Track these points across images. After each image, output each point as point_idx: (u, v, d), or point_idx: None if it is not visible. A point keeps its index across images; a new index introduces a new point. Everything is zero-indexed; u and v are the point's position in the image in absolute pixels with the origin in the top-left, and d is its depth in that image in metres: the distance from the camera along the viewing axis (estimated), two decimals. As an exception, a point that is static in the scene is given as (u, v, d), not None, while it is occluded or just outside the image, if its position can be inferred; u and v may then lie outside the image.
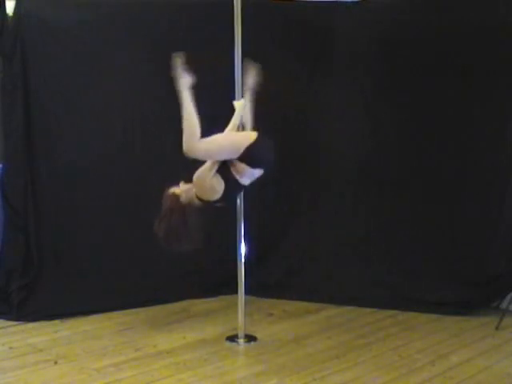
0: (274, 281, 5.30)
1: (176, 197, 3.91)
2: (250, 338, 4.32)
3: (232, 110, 4.14)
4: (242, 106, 4.13)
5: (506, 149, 4.88)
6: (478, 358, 4.03)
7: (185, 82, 3.86)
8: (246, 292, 4.36)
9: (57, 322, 4.58)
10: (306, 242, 5.39)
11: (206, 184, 3.86)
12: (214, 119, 5.17)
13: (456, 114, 5.03)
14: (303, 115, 5.47)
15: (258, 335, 4.38)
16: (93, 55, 4.91)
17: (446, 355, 4.07)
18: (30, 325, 4.51)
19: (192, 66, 3.88)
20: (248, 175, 3.91)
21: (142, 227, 5.08)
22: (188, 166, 5.16)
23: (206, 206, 3.93)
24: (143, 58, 5.04)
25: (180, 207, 3.89)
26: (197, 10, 5.14)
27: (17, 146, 4.80)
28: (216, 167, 3.85)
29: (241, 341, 4.30)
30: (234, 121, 4.12)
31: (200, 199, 3.90)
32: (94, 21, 4.92)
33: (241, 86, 4.15)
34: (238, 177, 3.89)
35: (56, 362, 3.88)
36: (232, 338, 4.32)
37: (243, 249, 4.29)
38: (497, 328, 4.55)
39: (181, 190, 3.93)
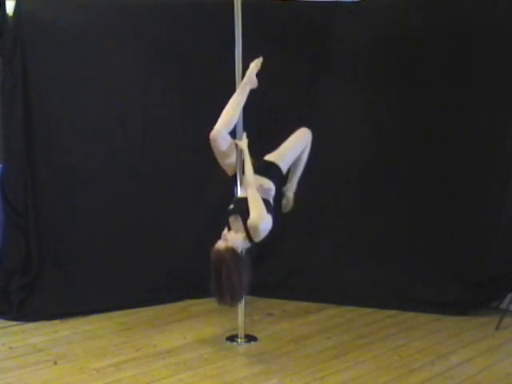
0: (274, 281, 5.29)
1: (234, 251, 3.70)
2: (250, 338, 4.32)
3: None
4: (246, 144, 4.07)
5: (506, 149, 4.89)
6: (477, 358, 4.03)
7: (250, 82, 4.01)
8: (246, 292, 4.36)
9: (57, 322, 4.57)
10: (306, 242, 5.39)
11: (268, 224, 3.80)
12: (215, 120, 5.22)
13: (456, 113, 5.03)
14: (303, 115, 5.46)
15: (258, 335, 4.38)
16: (93, 55, 4.91)
17: (446, 355, 4.07)
18: (30, 325, 4.51)
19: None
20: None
21: (142, 227, 5.11)
22: (187, 167, 5.21)
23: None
24: (143, 58, 5.05)
25: (241, 259, 3.73)
26: (197, 10, 5.14)
27: (17, 146, 4.79)
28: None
29: (241, 341, 4.30)
30: (247, 158, 4.01)
31: (252, 242, 3.81)
32: (94, 21, 4.91)
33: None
34: (270, 199, 3.96)
35: (56, 362, 3.88)
36: (232, 338, 4.32)
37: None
38: (497, 328, 4.55)
39: (231, 240, 3.74)
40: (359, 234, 5.31)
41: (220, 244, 3.74)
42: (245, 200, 3.82)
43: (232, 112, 3.97)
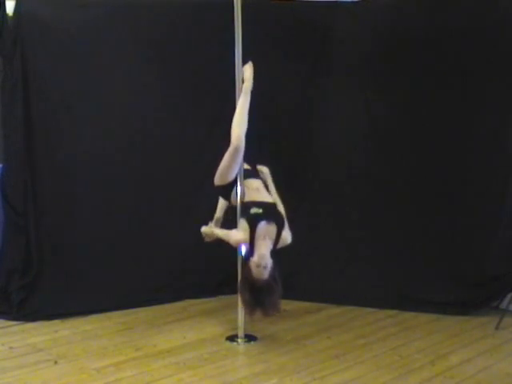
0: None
1: (273, 272, 3.88)
2: (250, 338, 4.32)
3: (232, 111, 4.14)
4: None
5: (505, 149, 4.89)
6: (477, 357, 4.04)
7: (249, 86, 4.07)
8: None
9: (57, 321, 4.57)
10: (306, 242, 5.37)
11: None
12: (215, 119, 5.24)
13: (456, 113, 5.03)
14: (303, 115, 5.47)
15: (257, 335, 4.38)
16: (93, 55, 4.90)
17: (446, 355, 4.07)
18: (30, 325, 4.50)
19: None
20: None
21: (142, 227, 5.11)
22: (187, 168, 5.21)
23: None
24: (143, 58, 5.04)
25: (278, 274, 3.91)
26: (197, 9, 5.14)
27: (17, 146, 4.78)
28: None
29: (241, 340, 4.30)
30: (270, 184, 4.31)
31: (274, 248, 3.99)
32: (94, 21, 4.91)
33: (241, 86, 4.14)
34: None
35: (56, 362, 3.88)
36: (232, 338, 4.32)
37: (243, 249, 4.28)
38: (497, 328, 4.55)
39: (269, 263, 3.86)
40: (359, 234, 5.31)
41: (263, 273, 3.82)
42: (272, 206, 4.06)
43: (245, 118, 4.04)
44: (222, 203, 4.38)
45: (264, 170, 4.39)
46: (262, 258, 3.82)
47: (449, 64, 5.01)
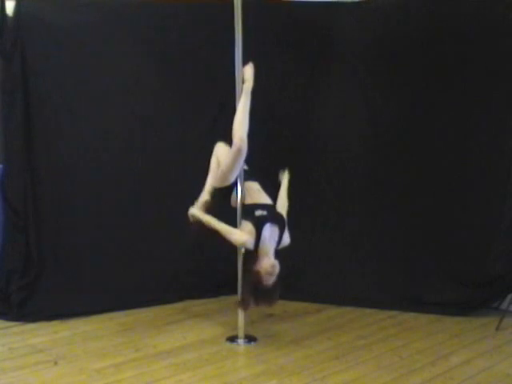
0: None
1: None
2: (250, 339, 4.32)
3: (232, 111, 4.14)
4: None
5: (505, 149, 4.88)
6: (478, 358, 4.04)
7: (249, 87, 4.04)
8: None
9: (57, 322, 4.57)
10: (306, 242, 5.38)
11: None
12: (215, 119, 5.24)
13: (456, 112, 5.03)
14: (303, 115, 5.47)
15: (258, 335, 4.38)
16: (92, 55, 4.91)
17: (447, 356, 4.07)
18: (30, 325, 4.51)
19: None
20: None
21: (142, 227, 5.11)
22: (187, 167, 5.21)
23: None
24: (143, 58, 5.05)
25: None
26: (197, 10, 5.14)
27: (17, 146, 4.79)
28: None
29: (241, 341, 4.30)
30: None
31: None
32: (93, 21, 4.92)
33: (241, 86, 4.13)
34: None
35: (56, 363, 3.88)
36: (232, 339, 4.32)
37: (243, 249, 4.28)
38: (497, 329, 4.55)
39: (277, 264, 3.95)
40: (359, 234, 5.31)
41: (273, 279, 3.92)
42: (273, 207, 4.14)
43: (247, 118, 4.04)
44: (209, 186, 4.33)
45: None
46: (275, 267, 3.89)
47: (449, 64, 5.01)
